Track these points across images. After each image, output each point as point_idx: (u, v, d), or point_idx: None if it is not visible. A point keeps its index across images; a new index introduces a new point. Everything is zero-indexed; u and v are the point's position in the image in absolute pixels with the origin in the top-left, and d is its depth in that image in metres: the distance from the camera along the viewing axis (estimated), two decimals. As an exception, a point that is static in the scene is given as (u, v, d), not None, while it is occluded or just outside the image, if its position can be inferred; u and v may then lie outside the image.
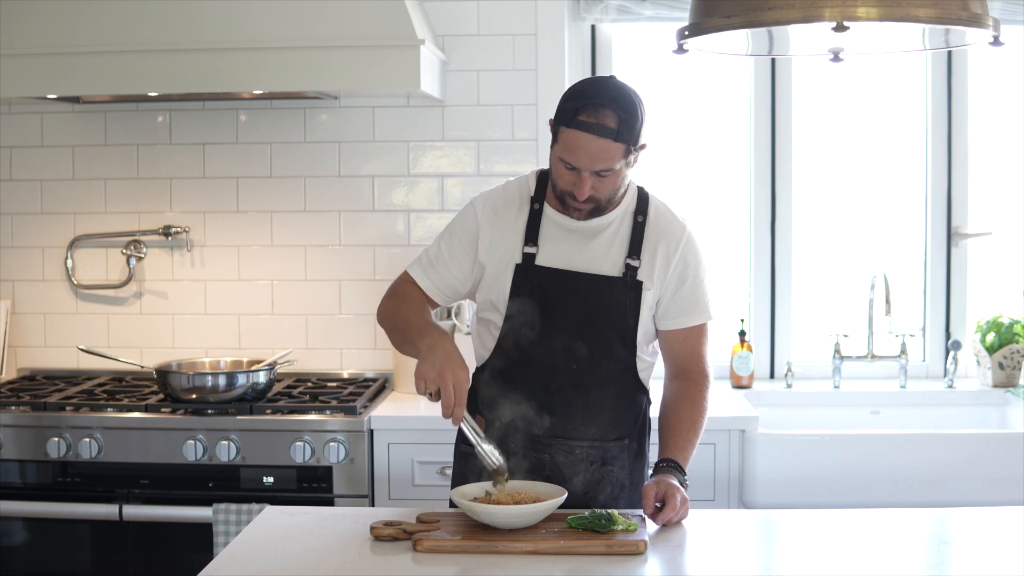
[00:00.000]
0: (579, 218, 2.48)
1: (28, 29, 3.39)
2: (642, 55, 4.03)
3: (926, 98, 3.98)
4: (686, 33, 2.30)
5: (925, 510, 2.53)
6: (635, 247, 2.51)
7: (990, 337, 3.83)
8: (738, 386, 3.86)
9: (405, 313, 2.55)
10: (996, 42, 2.23)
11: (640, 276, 2.51)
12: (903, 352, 3.87)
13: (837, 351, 3.86)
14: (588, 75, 3.96)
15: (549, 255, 2.51)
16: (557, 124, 2.40)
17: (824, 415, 3.78)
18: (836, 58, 2.45)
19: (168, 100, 3.83)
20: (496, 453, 2.37)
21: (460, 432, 2.56)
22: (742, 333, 3.89)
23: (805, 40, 2.56)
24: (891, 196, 4.07)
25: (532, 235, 2.52)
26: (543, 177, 2.57)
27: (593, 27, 3.98)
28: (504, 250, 2.53)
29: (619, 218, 2.53)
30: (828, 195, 4.07)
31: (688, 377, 2.57)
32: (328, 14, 3.34)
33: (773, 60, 3.92)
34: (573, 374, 2.50)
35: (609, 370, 2.53)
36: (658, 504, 2.33)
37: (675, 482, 2.37)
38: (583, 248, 2.51)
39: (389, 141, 3.86)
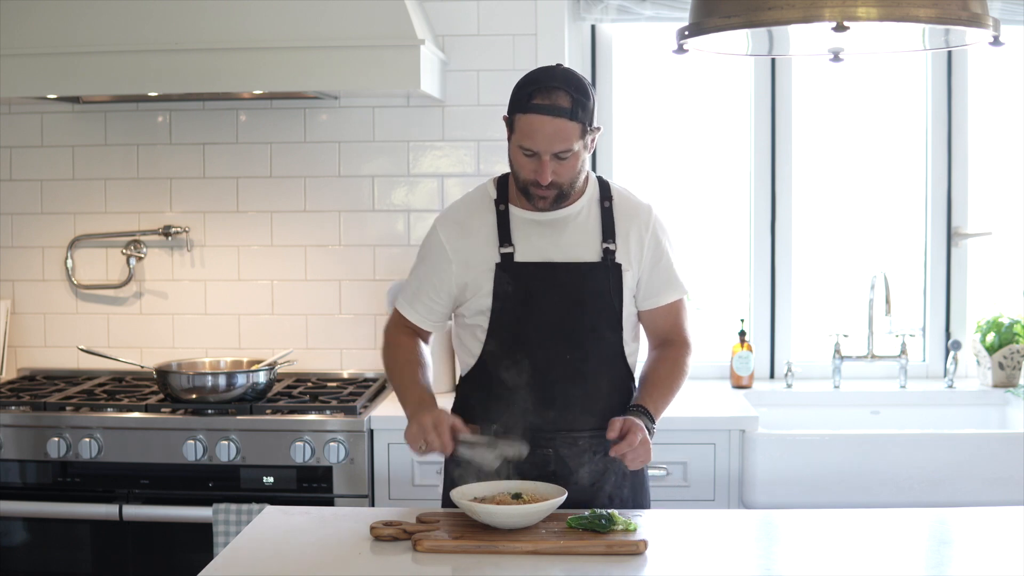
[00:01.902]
0: (544, 207, 2.50)
1: (28, 29, 3.39)
2: (642, 55, 4.03)
3: (926, 98, 3.98)
4: (686, 33, 2.30)
5: (925, 510, 2.53)
6: (608, 231, 2.55)
7: (990, 337, 3.83)
8: (738, 386, 3.86)
9: (395, 370, 2.63)
10: (996, 42, 2.23)
11: (618, 258, 2.55)
12: (903, 352, 3.87)
13: (837, 351, 3.86)
14: (588, 76, 3.96)
15: (526, 251, 2.54)
16: (512, 114, 2.45)
17: (824, 415, 3.78)
18: (836, 58, 2.45)
19: (168, 100, 3.83)
20: (503, 455, 2.42)
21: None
22: (742, 333, 3.89)
23: (805, 40, 2.56)
24: (891, 196, 4.07)
25: (505, 235, 2.54)
26: (502, 181, 2.61)
27: (593, 27, 3.98)
28: (480, 258, 2.55)
29: (586, 206, 2.57)
30: (828, 195, 4.07)
31: (670, 344, 2.64)
32: (328, 14, 3.34)
33: (773, 60, 3.92)
34: (567, 364, 2.52)
35: (602, 357, 2.56)
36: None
37: (639, 423, 2.42)
38: (558, 239, 2.54)
39: (389, 141, 3.86)
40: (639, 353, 2.67)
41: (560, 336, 2.52)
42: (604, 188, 2.61)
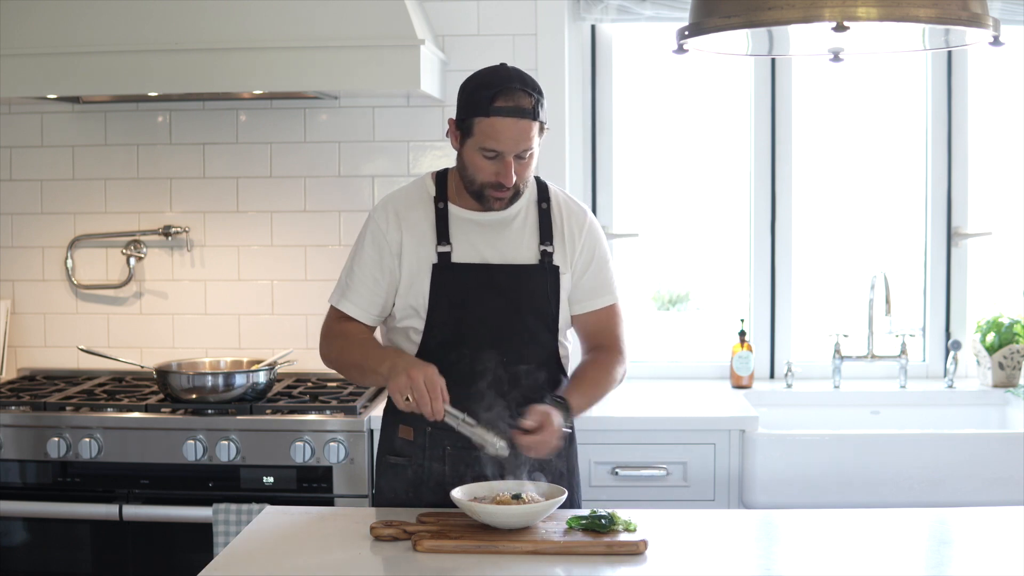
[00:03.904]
0: (501, 208, 2.51)
1: (28, 29, 3.39)
2: (642, 55, 4.03)
3: (926, 98, 3.98)
4: (686, 33, 2.30)
5: (925, 510, 2.54)
6: (546, 233, 2.56)
7: (990, 337, 3.83)
8: (738, 386, 3.86)
9: (352, 349, 2.56)
10: (996, 42, 2.23)
11: (556, 261, 2.55)
12: (903, 352, 3.87)
13: (837, 351, 3.86)
14: (588, 75, 3.96)
15: (464, 251, 2.53)
16: (470, 117, 2.43)
17: (824, 415, 3.78)
18: (836, 58, 2.45)
19: (168, 100, 3.83)
20: (493, 436, 2.36)
21: (385, 443, 2.62)
22: (742, 333, 3.89)
23: (805, 40, 2.56)
24: (891, 196, 4.07)
25: (443, 234, 2.53)
26: (441, 176, 2.60)
27: (593, 27, 3.97)
28: (417, 253, 2.54)
29: (524, 208, 2.57)
30: (828, 195, 4.07)
31: (600, 349, 2.62)
32: (328, 14, 3.34)
33: (773, 60, 3.92)
34: (503, 367, 2.51)
35: (535, 359, 2.55)
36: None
37: (555, 415, 2.38)
38: (496, 240, 2.54)
39: (389, 141, 3.86)
40: (573, 356, 2.67)
41: (496, 338, 2.52)
42: (542, 190, 2.61)
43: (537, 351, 2.55)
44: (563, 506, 2.39)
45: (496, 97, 2.40)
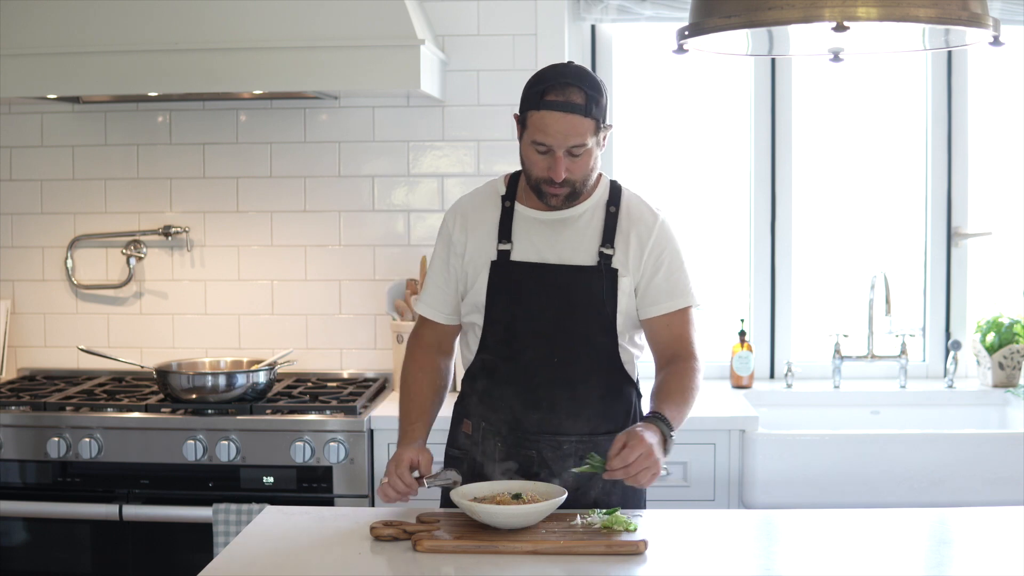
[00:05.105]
0: (557, 204, 2.50)
1: (28, 29, 3.39)
2: (642, 55, 4.03)
3: (926, 98, 3.98)
4: (686, 33, 2.30)
5: (925, 510, 2.53)
6: (608, 236, 2.53)
7: (990, 337, 3.83)
8: (738, 386, 3.86)
9: (402, 397, 2.64)
10: (996, 42, 2.23)
11: (615, 264, 2.52)
12: (903, 352, 3.87)
13: (837, 351, 3.86)
14: (588, 75, 3.96)
15: (523, 250, 2.54)
16: (524, 111, 2.45)
17: (824, 415, 3.78)
18: (836, 58, 2.46)
19: (168, 100, 3.83)
20: (450, 476, 2.47)
21: (451, 436, 2.68)
22: (742, 333, 3.89)
23: (805, 40, 2.56)
24: (891, 196, 4.07)
25: (506, 232, 2.55)
26: (513, 177, 2.61)
27: (593, 27, 3.98)
28: (481, 251, 2.56)
29: (591, 209, 2.56)
30: (828, 195, 4.07)
31: (677, 360, 2.54)
32: (328, 14, 3.33)
33: (773, 60, 3.92)
34: (556, 367, 2.51)
35: (592, 361, 2.53)
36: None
37: (648, 433, 2.30)
38: (556, 241, 2.53)
39: (389, 141, 3.86)
40: (640, 359, 2.62)
41: (549, 338, 2.51)
42: (614, 193, 2.59)
43: (592, 353, 2.53)
44: (628, 506, 2.44)
45: (547, 91, 2.41)
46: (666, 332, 2.56)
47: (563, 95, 2.40)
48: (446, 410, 2.68)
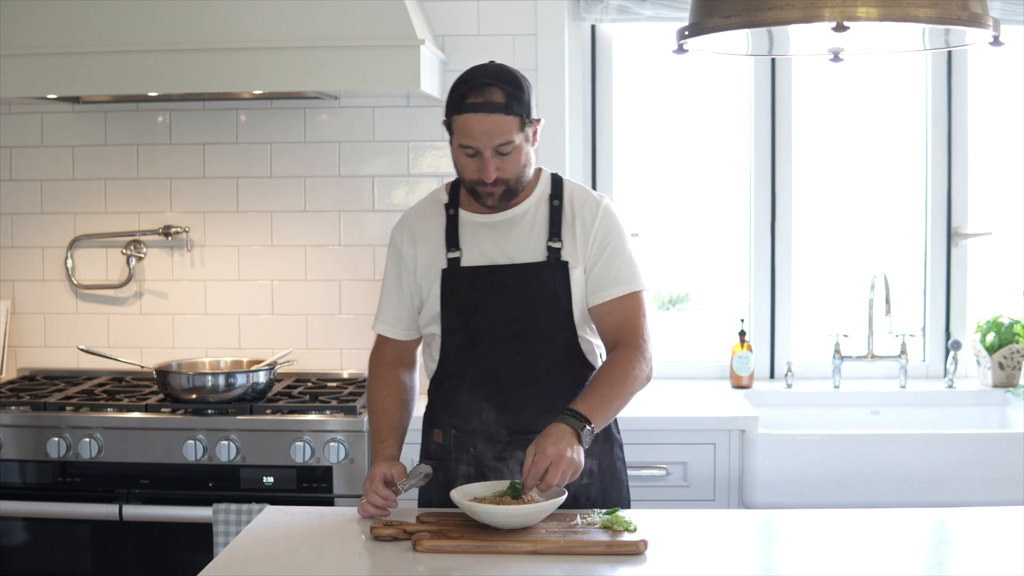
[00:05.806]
0: (494, 203, 2.49)
1: (28, 29, 3.39)
2: (642, 55, 4.03)
3: (926, 98, 3.98)
4: (686, 33, 2.30)
5: (925, 510, 2.54)
6: (555, 229, 2.53)
7: (990, 337, 3.83)
8: (738, 386, 3.86)
9: (371, 416, 2.64)
10: (996, 42, 2.23)
11: (564, 256, 2.52)
12: (903, 352, 3.87)
13: (837, 351, 3.86)
14: (588, 75, 3.96)
15: (472, 255, 2.54)
16: (449, 116, 2.46)
17: (824, 415, 3.78)
18: (836, 58, 2.45)
19: (168, 100, 3.83)
20: (421, 471, 2.50)
21: (423, 448, 2.71)
22: (742, 333, 3.89)
23: (805, 40, 2.56)
24: (891, 196, 4.07)
25: (453, 240, 2.55)
26: (455, 185, 2.61)
27: (593, 27, 3.97)
28: (431, 262, 2.57)
29: (535, 205, 2.56)
30: (828, 195, 4.07)
31: (621, 346, 2.51)
32: (328, 14, 3.33)
33: (773, 60, 3.92)
34: (519, 367, 2.51)
35: (554, 357, 2.53)
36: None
37: (551, 439, 2.29)
38: (504, 242, 2.53)
39: (389, 141, 3.86)
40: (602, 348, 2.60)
41: (509, 338, 2.51)
42: (556, 186, 2.60)
43: (553, 348, 2.53)
44: (603, 507, 2.44)
45: (468, 94, 2.42)
46: (611, 319, 2.53)
47: (483, 96, 2.41)
48: (416, 423, 2.68)
